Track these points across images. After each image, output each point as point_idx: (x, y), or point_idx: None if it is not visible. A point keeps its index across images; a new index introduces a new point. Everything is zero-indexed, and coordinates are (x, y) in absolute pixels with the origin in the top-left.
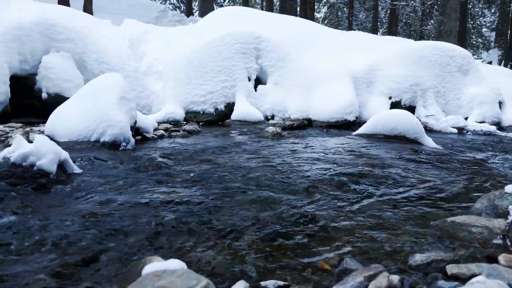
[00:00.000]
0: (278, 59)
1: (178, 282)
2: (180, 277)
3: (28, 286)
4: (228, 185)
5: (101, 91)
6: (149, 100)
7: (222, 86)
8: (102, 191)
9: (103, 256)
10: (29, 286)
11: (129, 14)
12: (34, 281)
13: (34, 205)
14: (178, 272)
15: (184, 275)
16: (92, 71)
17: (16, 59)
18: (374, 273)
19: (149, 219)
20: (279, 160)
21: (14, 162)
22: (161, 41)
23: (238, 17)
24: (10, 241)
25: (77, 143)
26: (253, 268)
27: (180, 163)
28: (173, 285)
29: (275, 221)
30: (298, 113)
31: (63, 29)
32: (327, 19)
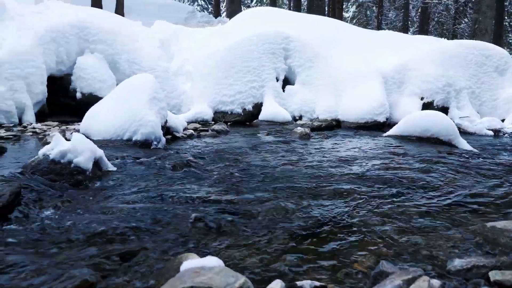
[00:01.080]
0: (307, 59)
1: (217, 279)
2: (218, 274)
3: (70, 279)
4: (258, 185)
5: (133, 92)
6: (178, 100)
7: (250, 86)
8: (136, 189)
9: (140, 252)
10: (70, 279)
11: (158, 16)
12: (74, 274)
13: (73, 201)
14: (216, 269)
15: (222, 272)
16: (124, 71)
17: (53, 60)
18: (413, 276)
19: (183, 216)
20: (309, 161)
21: (53, 159)
22: (190, 42)
23: (267, 18)
24: (52, 235)
25: (111, 142)
26: (287, 268)
27: (210, 162)
28: (212, 281)
29: (306, 222)
30: (327, 114)
31: (97, 31)
32: (356, 18)
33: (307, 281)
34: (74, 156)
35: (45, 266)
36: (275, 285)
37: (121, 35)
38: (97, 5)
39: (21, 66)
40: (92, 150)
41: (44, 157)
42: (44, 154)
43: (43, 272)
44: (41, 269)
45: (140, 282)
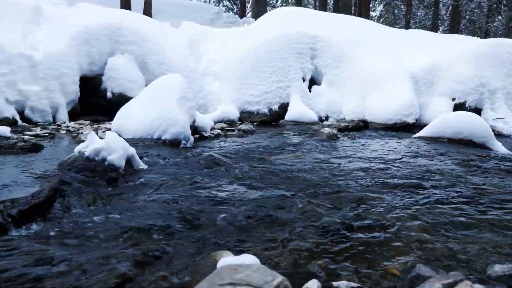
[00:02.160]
0: (333, 59)
1: (255, 276)
2: (256, 272)
3: (109, 272)
4: (287, 185)
5: (163, 91)
6: (205, 100)
7: (276, 86)
8: (167, 187)
9: (174, 248)
10: (110, 272)
11: (185, 17)
12: (114, 268)
13: (108, 197)
14: (254, 267)
15: (259, 270)
16: (153, 72)
17: (85, 61)
18: (454, 280)
19: (215, 214)
20: (338, 161)
21: (88, 157)
22: (218, 43)
23: (293, 18)
24: (89, 230)
25: (141, 140)
26: (320, 268)
27: (238, 161)
28: (251, 279)
29: (338, 223)
30: (354, 114)
31: (127, 32)
32: (383, 17)
33: (344, 281)
34: (108, 154)
35: (84, 259)
36: (312, 285)
37: (150, 36)
38: (126, 7)
39: (56, 66)
40: (124, 148)
41: (80, 154)
42: (79, 151)
43: (83, 265)
44: (81, 262)
45: (176, 278)
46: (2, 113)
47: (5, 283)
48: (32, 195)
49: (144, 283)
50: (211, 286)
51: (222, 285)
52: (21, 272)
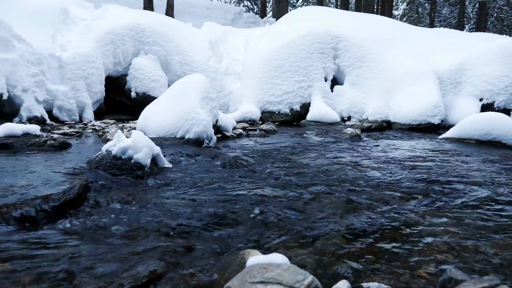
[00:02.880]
0: (356, 58)
1: (286, 275)
2: (286, 271)
3: (140, 268)
4: (311, 185)
5: (186, 91)
6: (226, 100)
7: (298, 86)
8: (192, 185)
9: (201, 246)
10: (140, 268)
11: (206, 17)
12: (143, 264)
13: (134, 195)
14: (284, 266)
15: (290, 270)
16: (175, 72)
17: (111, 61)
18: (490, 285)
19: (240, 213)
20: (362, 162)
21: (115, 155)
22: (239, 43)
23: (315, 17)
24: (117, 226)
25: (164, 139)
26: (349, 269)
27: (261, 161)
28: (282, 278)
29: (365, 224)
30: (377, 115)
31: (151, 33)
32: (406, 16)
33: (374, 283)
34: (134, 152)
35: (114, 255)
36: (342, 285)
37: (173, 36)
38: (149, 8)
39: (83, 67)
40: (150, 147)
41: (107, 152)
42: (107, 150)
43: (113, 260)
44: (111, 257)
45: (204, 275)
46: (32, 112)
47: (38, 276)
48: (64, 192)
49: (173, 279)
50: (242, 283)
51: (253, 283)
52: (53, 266)
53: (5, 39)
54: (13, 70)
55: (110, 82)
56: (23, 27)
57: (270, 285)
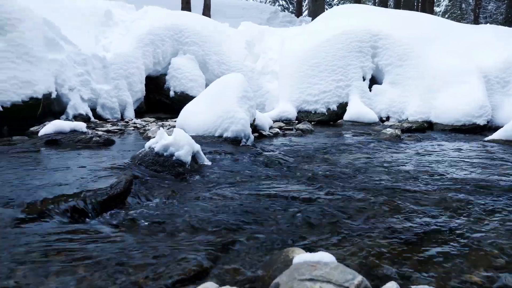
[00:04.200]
0: (396, 57)
1: (335, 274)
2: (335, 270)
3: (185, 262)
4: (351, 186)
5: (225, 90)
6: (263, 99)
7: (335, 85)
8: (232, 183)
9: (243, 242)
10: (186, 262)
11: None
12: (190, 258)
13: (176, 191)
14: (332, 265)
15: (338, 268)
16: (212, 71)
17: (151, 61)
18: None
19: (282, 212)
20: (404, 163)
21: (157, 152)
22: (275, 42)
23: (353, 15)
24: (161, 221)
25: (203, 138)
26: (395, 271)
27: (299, 160)
28: (331, 276)
29: (408, 227)
30: (417, 115)
31: (190, 33)
32: (448, 12)
33: (424, 286)
34: (176, 150)
35: (159, 248)
36: (391, 286)
37: (210, 36)
38: (186, 9)
39: (125, 67)
40: (190, 145)
41: (150, 149)
42: (149, 147)
43: (159, 253)
44: (157, 251)
45: (248, 271)
46: (77, 110)
47: (91, 266)
48: (111, 186)
49: (219, 274)
50: (291, 280)
51: (302, 280)
52: (104, 257)
53: (54, 41)
54: (61, 70)
55: (149, 82)
56: (69, 28)
57: (320, 283)
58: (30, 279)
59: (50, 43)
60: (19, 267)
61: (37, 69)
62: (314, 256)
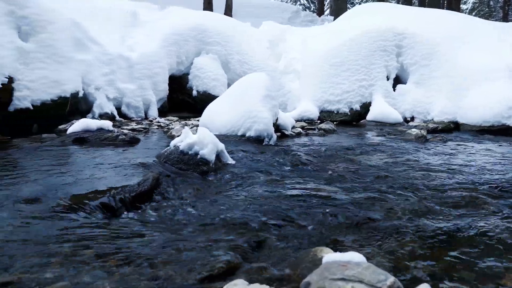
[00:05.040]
0: (422, 56)
1: (367, 274)
2: (366, 270)
3: (214, 259)
4: (377, 186)
5: (248, 89)
6: (284, 99)
7: (359, 85)
8: (256, 182)
9: (270, 241)
10: (215, 259)
11: (263, 16)
12: (218, 255)
13: (201, 189)
14: (363, 265)
15: (370, 269)
16: (235, 71)
17: (174, 61)
18: None
19: (307, 211)
20: (430, 164)
21: (182, 150)
22: (298, 41)
23: (377, 14)
24: (187, 218)
25: (226, 137)
26: (426, 273)
27: (322, 160)
28: (363, 276)
29: (438, 229)
30: (443, 115)
31: (212, 33)
32: (476, 10)
33: None
34: (200, 148)
35: (187, 245)
36: None
37: (233, 36)
38: (208, 9)
39: (149, 66)
40: (215, 143)
41: (175, 148)
42: (174, 145)
43: (187, 250)
44: (185, 247)
45: (276, 269)
46: (103, 109)
47: (122, 260)
48: (139, 184)
49: (247, 271)
50: (322, 279)
51: (334, 279)
52: (134, 252)
53: (82, 41)
54: (88, 70)
55: (172, 81)
56: (96, 29)
57: (351, 283)
58: (64, 271)
59: (78, 44)
60: (54, 260)
61: (65, 69)
62: (344, 256)
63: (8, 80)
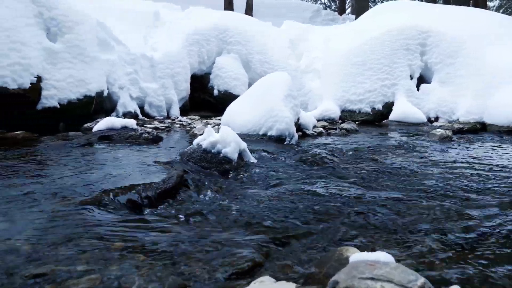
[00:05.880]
0: (447, 55)
1: (396, 274)
2: (395, 269)
3: (238, 256)
4: (401, 187)
5: (269, 89)
6: (306, 98)
7: (381, 84)
8: (278, 181)
9: (294, 239)
10: (239, 257)
11: (284, 16)
12: (242, 253)
13: (224, 187)
14: (392, 265)
15: (399, 269)
16: (255, 70)
17: (196, 61)
18: None
19: (330, 211)
20: (456, 166)
21: (205, 149)
22: (319, 40)
23: (400, 12)
24: (211, 215)
25: (247, 136)
26: (455, 275)
27: (345, 160)
28: (393, 276)
29: (465, 232)
30: (469, 115)
31: (233, 33)
32: (503, 7)
33: None
34: (223, 147)
35: (211, 242)
36: None
37: (254, 36)
38: (229, 9)
39: (171, 66)
40: (237, 142)
41: (198, 146)
42: (197, 144)
43: (211, 246)
44: (209, 244)
45: (300, 268)
46: (127, 107)
47: (149, 255)
48: (163, 181)
49: (272, 269)
50: (350, 278)
51: (363, 278)
52: (160, 248)
53: (106, 41)
54: (112, 70)
55: (194, 80)
56: (120, 29)
57: (381, 282)
58: (94, 264)
59: (102, 44)
60: (84, 253)
61: (90, 69)
62: (371, 255)
63: (37, 80)
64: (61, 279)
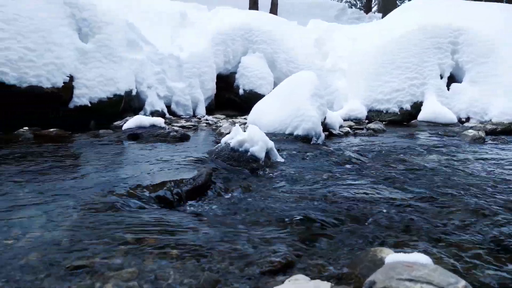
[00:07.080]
0: (479, 54)
1: (436, 276)
2: (434, 271)
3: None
4: (433, 188)
5: (296, 88)
6: (331, 97)
7: (409, 83)
8: (306, 180)
9: (325, 239)
10: (271, 254)
11: (309, 14)
12: (273, 251)
13: (252, 185)
14: (430, 267)
15: (438, 271)
16: (281, 69)
17: (222, 60)
18: None
19: (360, 211)
20: (490, 168)
21: (233, 147)
22: (345, 39)
23: (430, 9)
24: (241, 213)
25: (274, 135)
26: (497, 280)
27: (373, 160)
28: (432, 278)
29: (503, 233)
30: (503, 116)
31: (259, 32)
32: None
33: None
34: (250, 146)
35: (243, 239)
36: None
37: (279, 35)
38: (254, 8)
39: (198, 65)
40: (264, 141)
41: (226, 145)
42: (225, 142)
43: (243, 244)
44: (241, 241)
45: (333, 267)
46: (154, 106)
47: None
48: (193, 178)
49: (304, 268)
50: (388, 279)
51: (401, 279)
52: (192, 244)
53: (135, 41)
54: (140, 69)
55: (220, 80)
56: (148, 29)
57: (420, 284)
58: (130, 258)
59: (131, 44)
60: (119, 247)
61: (120, 68)
62: (409, 256)
63: (69, 79)
64: (101, 271)
